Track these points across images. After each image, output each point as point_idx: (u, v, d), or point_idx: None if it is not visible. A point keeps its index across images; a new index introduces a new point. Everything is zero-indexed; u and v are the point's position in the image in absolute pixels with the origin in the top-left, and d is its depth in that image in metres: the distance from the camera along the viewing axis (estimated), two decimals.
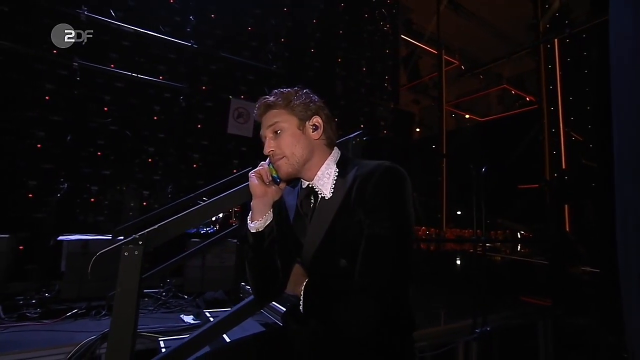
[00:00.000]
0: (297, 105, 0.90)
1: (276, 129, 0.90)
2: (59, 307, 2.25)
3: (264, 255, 0.91)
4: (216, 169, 3.86)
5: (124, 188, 3.42)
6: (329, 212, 0.85)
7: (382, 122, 5.39)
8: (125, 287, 0.94)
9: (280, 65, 4.41)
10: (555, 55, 6.01)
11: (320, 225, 0.86)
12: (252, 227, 0.90)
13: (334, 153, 0.94)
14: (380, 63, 5.58)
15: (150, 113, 3.58)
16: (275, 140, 0.90)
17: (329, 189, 0.88)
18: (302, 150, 0.89)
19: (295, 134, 0.89)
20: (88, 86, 3.21)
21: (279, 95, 0.91)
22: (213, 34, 4.03)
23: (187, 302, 2.63)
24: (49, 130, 3.03)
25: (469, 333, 1.82)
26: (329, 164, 0.91)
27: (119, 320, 0.92)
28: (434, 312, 2.26)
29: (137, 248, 0.96)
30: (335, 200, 0.85)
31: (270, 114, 0.91)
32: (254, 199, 0.91)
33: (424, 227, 6.29)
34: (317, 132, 0.91)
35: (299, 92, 0.93)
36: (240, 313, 1.14)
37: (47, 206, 2.91)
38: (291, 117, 0.90)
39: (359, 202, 0.80)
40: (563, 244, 3.14)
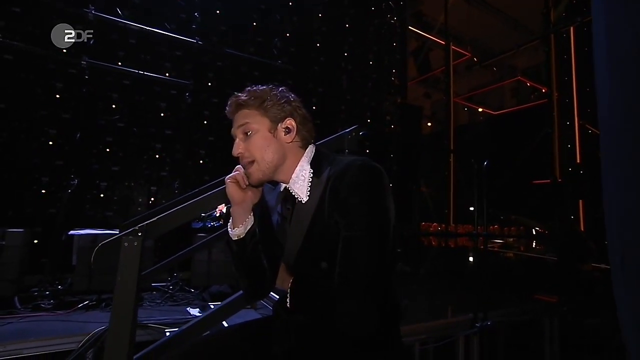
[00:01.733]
0: (271, 106, 0.87)
1: (246, 130, 0.87)
2: (72, 299, 2.36)
3: (248, 259, 0.91)
4: (222, 165, 3.92)
5: (132, 184, 3.52)
6: (305, 217, 0.84)
7: (388, 117, 5.36)
8: (125, 277, 0.98)
9: (286, 60, 4.43)
10: (571, 45, 5.84)
11: (298, 230, 0.85)
12: (233, 234, 0.89)
13: (308, 152, 0.90)
14: (388, 56, 5.53)
15: (156, 110, 3.66)
16: (245, 142, 0.87)
17: (305, 192, 0.86)
18: (272, 155, 0.86)
19: (266, 137, 0.86)
20: (96, 84, 3.30)
21: (251, 94, 0.87)
22: (218, 31, 4.07)
23: (194, 295, 2.72)
24: (59, 128, 3.14)
25: (469, 327, 1.84)
26: (302, 166, 0.88)
27: (119, 309, 0.96)
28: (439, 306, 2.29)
29: (136, 239, 1.01)
30: (311, 204, 0.84)
31: (241, 114, 0.88)
32: (233, 206, 0.89)
33: (435, 224, 6.26)
34: (289, 135, 0.88)
35: (273, 91, 0.89)
36: (234, 304, 1.19)
37: (58, 202, 3.03)
38: (263, 119, 0.86)
39: (333, 204, 0.79)
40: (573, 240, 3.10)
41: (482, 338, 1.89)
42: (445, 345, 1.85)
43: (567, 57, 5.78)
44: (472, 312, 1.85)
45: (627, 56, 0.58)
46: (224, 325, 1.49)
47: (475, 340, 1.88)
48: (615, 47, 0.61)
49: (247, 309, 2.20)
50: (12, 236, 2.42)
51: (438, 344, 1.84)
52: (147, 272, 1.97)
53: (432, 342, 1.89)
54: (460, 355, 1.88)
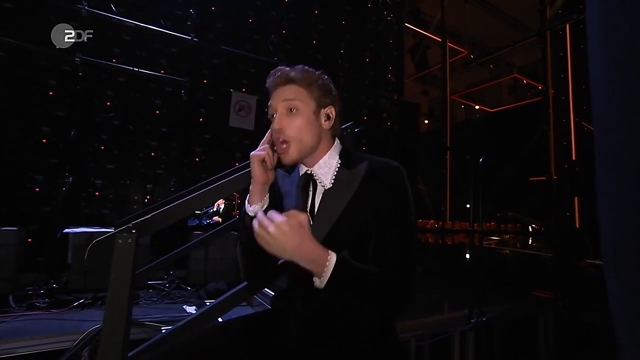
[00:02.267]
0: (318, 89, 0.88)
1: (292, 106, 0.86)
2: (67, 298, 2.35)
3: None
4: (219, 162, 3.92)
5: (128, 182, 3.51)
6: (336, 206, 0.84)
7: (386, 115, 5.36)
8: (119, 274, 0.98)
9: (283, 57, 4.42)
10: (567, 42, 5.85)
11: (325, 218, 0.85)
12: (250, 210, 0.89)
13: (336, 144, 0.93)
14: (384, 54, 5.53)
15: (152, 107, 3.65)
16: (288, 118, 0.86)
17: (329, 179, 0.88)
18: (311, 138, 0.87)
19: (310, 119, 0.87)
20: (91, 81, 3.29)
21: (303, 72, 0.88)
22: (214, 27, 4.06)
23: (190, 293, 2.72)
24: (53, 125, 3.12)
25: (465, 323, 1.85)
26: (332, 154, 0.91)
27: (113, 307, 0.96)
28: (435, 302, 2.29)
29: (130, 236, 1.01)
30: (343, 195, 0.85)
31: (288, 88, 0.87)
32: (254, 184, 0.89)
33: (432, 221, 6.28)
34: (328, 122, 0.90)
35: (321, 76, 0.90)
36: (231, 300, 1.19)
37: (53, 200, 3.01)
38: (310, 101, 0.87)
39: (369, 201, 0.82)
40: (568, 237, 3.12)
41: (478, 334, 1.90)
42: (441, 341, 1.86)
43: (563, 54, 5.79)
44: (468, 309, 1.86)
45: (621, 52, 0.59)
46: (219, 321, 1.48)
47: (471, 336, 1.89)
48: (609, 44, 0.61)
49: (244, 307, 2.20)
50: (7, 234, 2.42)
51: (434, 340, 1.85)
52: (143, 270, 1.97)
53: (428, 338, 1.90)
54: (455, 351, 1.89)
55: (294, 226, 0.68)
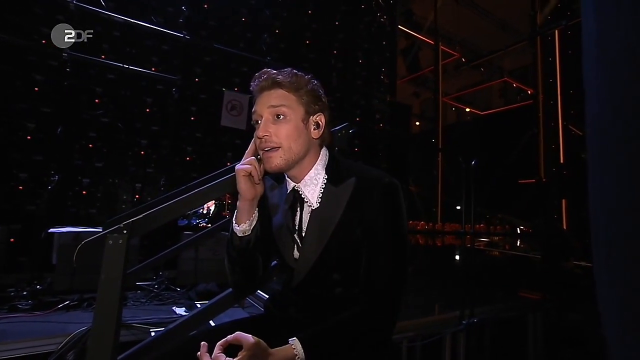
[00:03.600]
0: (307, 94, 0.83)
1: (279, 113, 0.81)
2: (51, 299, 2.29)
3: (248, 256, 0.88)
4: (210, 162, 3.88)
5: (117, 181, 3.45)
6: (325, 227, 0.82)
7: (378, 115, 5.39)
8: (109, 276, 0.96)
9: (276, 56, 4.40)
10: (556, 47, 5.98)
11: (315, 239, 0.83)
12: (238, 230, 0.84)
13: (322, 156, 0.88)
14: (377, 55, 5.56)
15: (142, 105, 3.59)
16: (274, 125, 0.81)
17: (316, 197, 0.84)
18: (299, 147, 0.82)
19: (299, 127, 0.82)
20: (79, 77, 3.21)
21: (291, 76, 0.82)
22: (206, 25, 4.02)
23: (180, 294, 2.68)
24: (39, 121, 3.04)
25: (456, 324, 1.87)
26: (317, 169, 0.86)
27: (103, 309, 0.93)
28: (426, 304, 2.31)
29: (121, 237, 0.98)
30: (331, 214, 0.82)
31: (276, 93, 0.82)
32: (241, 200, 0.83)
33: (422, 222, 6.33)
34: (317, 131, 0.85)
35: (311, 82, 0.85)
36: (223, 302, 1.18)
37: (38, 198, 2.94)
38: (299, 107, 0.82)
39: (359, 220, 0.80)
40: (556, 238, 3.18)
41: (469, 335, 1.92)
42: (433, 342, 1.88)
43: (552, 59, 5.92)
44: (459, 310, 1.88)
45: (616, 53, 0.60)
46: (211, 325, 1.47)
47: (462, 337, 1.91)
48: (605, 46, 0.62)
49: (235, 308, 2.18)
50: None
51: (425, 342, 1.86)
52: (131, 270, 1.93)
53: (420, 339, 1.91)
54: (447, 352, 1.91)
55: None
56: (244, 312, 2.13)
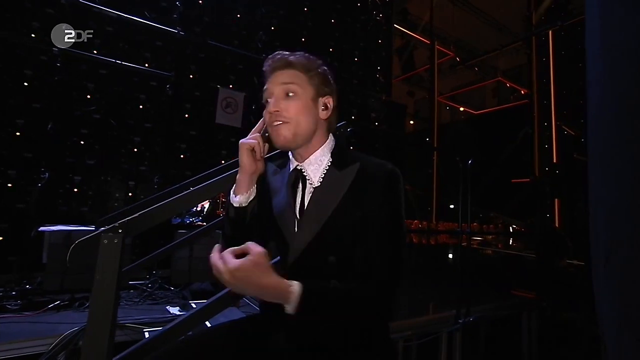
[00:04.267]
0: (318, 76, 0.87)
1: (290, 90, 0.84)
2: (41, 299, 2.25)
3: (243, 231, 0.88)
4: (204, 160, 3.85)
5: (109, 178, 3.40)
6: (326, 206, 0.83)
7: (374, 114, 5.40)
8: (104, 276, 0.94)
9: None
10: (550, 48, 6.06)
11: (314, 218, 0.83)
12: (235, 200, 0.87)
13: (329, 141, 0.91)
14: (373, 54, 5.56)
15: (135, 102, 3.54)
16: (285, 101, 0.84)
17: (318, 177, 0.86)
18: (307, 124, 0.85)
19: (308, 105, 0.85)
20: (70, 73, 3.15)
21: (303, 58, 0.86)
22: (201, 21, 3.98)
23: (174, 293, 2.65)
24: (28, 118, 2.98)
25: (452, 323, 1.88)
26: (324, 151, 0.89)
27: (97, 310, 0.92)
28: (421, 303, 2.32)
29: (116, 236, 0.96)
30: (333, 195, 0.83)
31: (287, 72, 0.85)
32: (241, 173, 0.86)
33: (416, 221, 6.37)
34: (326, 112, 0.89)
35: (322, 66, 0.89)
36: (220, 302, 1.16)
37: (28, 196, 2.88)
38: (309, 86, 0.86)
39: (360, 203, 0.81)
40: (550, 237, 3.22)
41: (465, 334, 1.93)
42: (428, 341, 1.89)
43: (546, 59, 5.99)
44: (456, 309, 1.89)
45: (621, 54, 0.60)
46: (207, 325, 1.45)
47: (458, 336, 1.92)
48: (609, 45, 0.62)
49: (230, 308, 2.16)
50: None
51: (421, 341, 1.87)
52: (125, 269, 1.91)
53: (416, 339, 1.92)
54: (443, 351, 1.92)
55: (248, 269, 0.66)
56: (239, 311, 2.12)
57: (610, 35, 0.61)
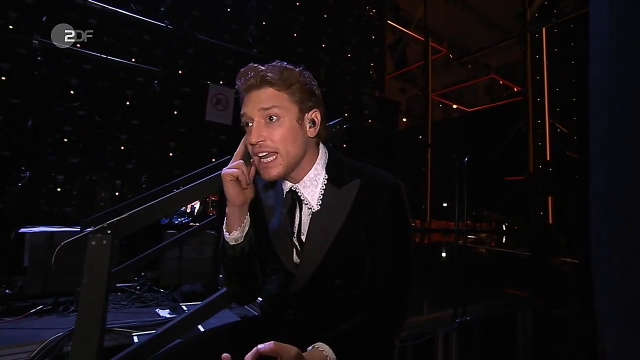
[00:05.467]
0: (300, 91, 0.77)
1: (272, 114, 0.75)
2: (22, 304, 2.19)
3: (245, 265, 0.84)
4: (194, 158, 3.80)
5: (95, 177, 3.33)
6: (327, 232, 0.79)
7: (367, 111, 5.41)
8: (93, 279, 0.92)
9: (262, 49, 4.34)
10: (543, 45, 6.15)
11: (318, 245, 0.80)
12: (230, 239, 0.81)
13: (322, 154, 0.84)
14: (366, 50, 5.56)
15: (122, 98, 3.48)
16: (267, 129, 0.76)
17: (316, 199, 0.81)
18: (297, 149, 0.77)
19: (294, 128, 0.76)
20: (51, 67, 3.07)
21: (281, 72, 0.76)
22: (189, 15, 3.92)
23: (163, 295, 2.61)
24: (6, 114, 2.90)
25: (449, 323, 1.89)
26: (317, 169, 0.82)
27: (86, 314, 0.90)
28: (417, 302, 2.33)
29: (105, 237, 0.94)
30: (334, 218, 0.79)
31: (266, 92, 0.75)
32: (230, 207, 0.79)
33: None
34: (313, 129, 0.80)
35: (302, 74, 0.79)
36: (213, 304, 1.15)
37: (7, 196, 2.80)
38: (292, 105, 0.77)
39: (366, 222, 0.78)
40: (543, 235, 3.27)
41: (461, 333, 1.95)
42: (424, 342, 1.90)
43: (539, 57, 6.07)
44: (452, 308, 1.90)
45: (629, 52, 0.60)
46: (200, 329, 1.43)
47: (455, 336, 1.94)
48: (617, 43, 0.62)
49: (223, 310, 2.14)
50: None
51: (417, 342, 1.88)
52: (114, 270, 1.87)
53: (411, 339, 1.92)
54: (439, 351, 1.93)
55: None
56: (232, 313, 2.10)
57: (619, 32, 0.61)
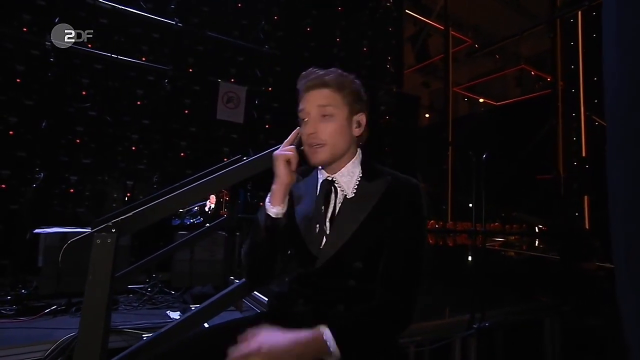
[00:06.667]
0: (351, 94, 0.93)
1: (326, 112, 0.91)
2: (37, 304, 2.30)
3: (276, 239, 0.94)
4: (205, 158, 3.90)
5: (106, 178, 3.47)
6: (358, 214, 0.91)
7: (383, 107, 5.37)
8: (97, 277, 0.96)
9: (273, 45, 4.39)
10: (578, 30, 5.90)
11: (347, 225, 0.91)
12: (272, 211, 0.92)
13: (358, 154, 0.99)
14: (383, 42, 5.53)
15: (132, 97, 3.61)
16: (322, 123, 0.91)
17: (351, 188, 0.94)
18: (343, 144, 0.93)
19: (343, 125, 0.92)
20: (63, 68, 3.22)
21: (337, 77, 0.92)
22: (199, 12, 4.01)
23: (174, 297, 2.70)
24: (21, 115, 3.06)
25: (466, 328, 1.87)
26: (355, 164, 0.97)
27: (90, 313, 0.94)
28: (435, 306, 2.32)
29: (110, 236, 0.99)
30: (365, 204, 0.91)
31: (323, 92, 0.92)
32: (278, 184, 0.91)
33: (432, 221, 6.33)
34: (359, 129, 0.95)
35: (354, 82, 0.95)
36: (217, 304, 1.19)
37: (22, 197, 2.96)
38: (344, 106, 0.92)
39: (389, 215, 0.90)
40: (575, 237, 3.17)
41: (480, 340, 1.92)
42: (442, 347, 1.88)
43: (574, 43, 5.83)
44: (469, 313, 1.88)
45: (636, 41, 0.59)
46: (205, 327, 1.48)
47: (473, 342, 1.91)
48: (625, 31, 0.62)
49: (232, 311, 2.19)
50: None
51: (434, 346, 1.87)
52: (123, 272, 1.95)
53: (428, 344, 1.92)
54: (456, 358, 1.91)
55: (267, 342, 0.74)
56: (241, 315, 2.15)
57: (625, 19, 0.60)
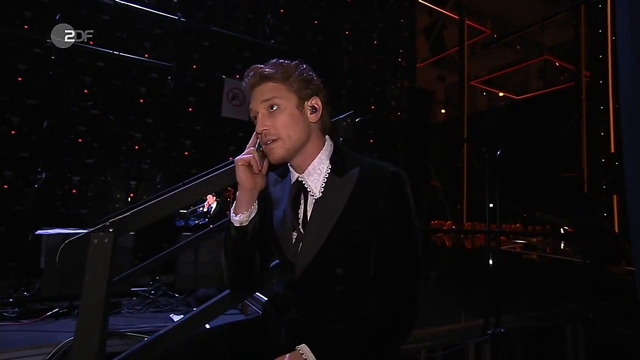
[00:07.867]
0: (297, 81, 0.91)
1: (272, 104, 0.89)
2: (39, 307, 2.35)
3: (244, 249, 0.94)
4: (210, 156, 3.93)
5: (109, 178, 3.53)
6: (328, 217, 0.88)
7: (394, 103, 5.33)
8: (94, 278, 0.98)
9: (280, 40, 4.40)
10: (607, 17, 5.72)
11: (319, 230, 0.88)
12: (236, 220, 0.92)
13: (327, 146, 0.96)
14: (394, 35, 5.49)
15: (135, 95, 3.66)
16: (270, 118, 0.90)
17: (319, 187, 0.91)
18: (299, 134, 0.90)
19: (294, 114, 0.90)
20: (65, 66, 3.28)
21: (277, 67, 0.91)
22: (203, 6, 4.04)
23: (178, 300, 2.74)
24: (23, 115, 3.13)
25: (480, 334, 1.85)
26: (321, 159, 0.94)
27: (87, 315, 0.97)
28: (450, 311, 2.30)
29: (107, 236, 1.01)
30: (334, 205, 0.88)
31: (265, 87, 0.90)
32: (240, 190, 0.91)
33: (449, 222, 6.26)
34: (315, 114, 0.93)
35: (299, 67, 0.93)
36: (216, 307, 1.20)
37: (24, 198, 3.02)
38: (290, 95, 0.90)
39: (364, 212, 0.86)
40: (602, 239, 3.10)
41: (496, 346, 1.90)
42: (454, 353, 1.87)
43: (603, 31, 5.65)
44: (483, 318, 1.86)
45: None
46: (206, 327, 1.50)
47: (488, 348, 1.89)
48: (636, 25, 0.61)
49: (236, 314, 2.21)
50: None
51: (446, 352, 1.86)
52: (125, 274, 1.98)
53: (440, 349, 1.91)
54: None
55: None
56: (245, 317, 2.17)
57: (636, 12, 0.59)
